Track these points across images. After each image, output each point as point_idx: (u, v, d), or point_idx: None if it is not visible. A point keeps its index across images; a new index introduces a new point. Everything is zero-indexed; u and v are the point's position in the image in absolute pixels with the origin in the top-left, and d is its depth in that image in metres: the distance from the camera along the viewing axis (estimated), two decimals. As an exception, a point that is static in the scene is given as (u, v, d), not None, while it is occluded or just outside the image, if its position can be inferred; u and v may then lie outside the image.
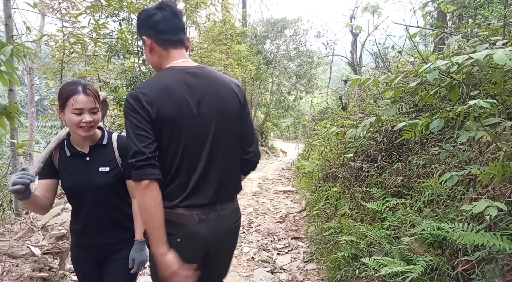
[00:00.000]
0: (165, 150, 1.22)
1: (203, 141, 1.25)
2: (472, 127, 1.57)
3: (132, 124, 1.17)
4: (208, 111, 1.25)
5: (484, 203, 1.38)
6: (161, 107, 1.18)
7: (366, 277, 2.30)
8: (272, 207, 5.35)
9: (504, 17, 2.27)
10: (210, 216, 1.28)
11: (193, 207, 1.25)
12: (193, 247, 1.28)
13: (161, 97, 1.19)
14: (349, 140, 4.10)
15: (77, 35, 4.88)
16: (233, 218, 1.39)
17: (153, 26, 1.27)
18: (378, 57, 7.06)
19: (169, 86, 1.22)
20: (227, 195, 1.36)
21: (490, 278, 1.64)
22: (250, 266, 3.26)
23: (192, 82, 1.25)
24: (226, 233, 1.36)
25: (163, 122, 1.18)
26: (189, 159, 1.23)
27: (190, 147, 1.23)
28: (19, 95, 16.57)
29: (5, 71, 1.92)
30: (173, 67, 1.27)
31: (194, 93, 1.24)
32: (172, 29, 1.29)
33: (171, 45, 1.30)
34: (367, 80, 1.93)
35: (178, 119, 1.20)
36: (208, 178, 1.27)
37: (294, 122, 23.15)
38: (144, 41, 1.30)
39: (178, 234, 1.24)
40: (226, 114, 1.30)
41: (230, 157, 1.34)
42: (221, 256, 1.45)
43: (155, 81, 1.24)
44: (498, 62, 1.21)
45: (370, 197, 3.10)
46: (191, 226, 1.24)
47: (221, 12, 10.53)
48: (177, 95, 1.21)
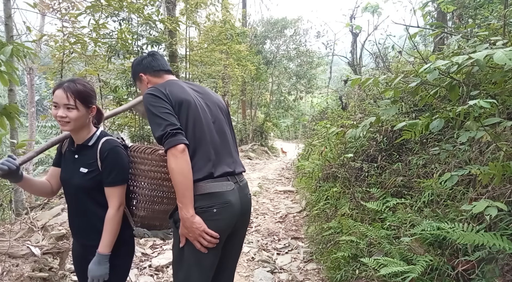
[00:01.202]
0: (184, 126, 1.41)
1: (212, 121, 1.52)
2: (472, 127, 1.57)
3: (157, 107, 1.38)
4: (211, 107, 1.57)
5: (484, 203, 1.38)
6: (175, 95, 1.45)
7: (366, 277, 2.29)
8: (272, 207, 5.35)
9: (504, 17, 2.27)
10: (235, 186, 1.46)
11: (221, 176, 1.42)
12: (227, 216, 1.41)
13: (174, 89, 1.47)
14: (349, 140, 4.10)
15: (77, 35, 4.88)
16: (248, 190, 1.60)
17: (148, 65, 1.63)
18: (378, 57, 7.06)
19: (177, 85, 1.53)
20: (240, 167, 1.58)
21: (490, 278, 1.64)
22: (250, 266, 3.26)
23: (192, 88, 1.59)
24: (246, 203, 1.54)
25: (179, 105, 1.42)
26: (204, 134, 1.44)
27: (203, 124, 1.45)
28: (19, 95, 16.57)
29: (5, 71, 1.92)
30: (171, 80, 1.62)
31: (195, 94, 1.56)
32: (163, 64, 1.66)
33: (164, 72, 1.65)
34: (367, 80, 1.93)
35: (190, 103, 1.45)
36: (224, 149, 1.50)
37: (294, 122, 23.17)
38: (140, 78, 1.63)
39: (214, 205, 1.38)
40: (221, 113, 1.63)
41: (232, 138, 1.62)
42: (242, 228, 1.61)
43: (163, 84, 1.53)
44: (498, 62, 1.21)
45: (370, 197, 3.10)
46: (224, 195, 1.40)
47: (221, 12, 10.53)
48: (185, 89, 1.52)
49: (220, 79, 12.71)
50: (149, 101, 1.40)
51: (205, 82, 13.84)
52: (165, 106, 1.39)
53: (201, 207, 1.36)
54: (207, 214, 1.36)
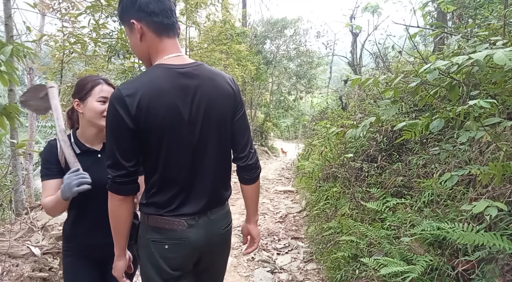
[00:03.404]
0: (153, 159, 1.13)
1: (195, 150, 1.16)
2: (472, 127, 1.57)
3: (115, 131, 1.07)
4: (200, 118, 1.14)
5: (484, 203, 1.38)
6: (150, 115, 1.05)
7: (366, 277, 2.29)
8: (272, 207, 5.35)
9: (504, 17, 2.27)
10: (201, 221, 1.21)
11: (183, 215, 1.18)
12: (182, 253, 1.20)
13: (151, 103, 1.05)
14: (349, 140, 4.10)
15: (77, 35, 4.87)
16: (224, 222, 1.31)
17: (143, 6, 1.10)
18: (378, 57, 7.06)
19: (160, 90, 1.07)
20: (219, 201, 1.29)
21: (490, 278, 1.64)
22: (250, 266, 3.26)
23: (185, 84, 1.12)
24: (217, 238, 1.28)
25: (150, 131, 1.07)
26: (179, 169, 1.14)
27: (180, 157, 1.14)
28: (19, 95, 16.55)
29: (5, 71, 1.92)
30: (165, 66, 1.12)
31: (186, 98, 1.11)
32: (165, 10, 1.13)
33: (165, 30, 1.14)
34: (367, 80, 1.93)
35: (167, 129, 1.09)
36: (200, 189, 1.20)
37: (294, 122, 23.16)
38: (132, 26, 1.12)
39: (166, 241, 1.17)
40: (218, 119, 1.20)
41: (222, 163, 1.26)
42: (214, 264, 1.36)
43: (144, 83, 1.08)
44: (498, 62, 1.21)
45: (370, 197, 3.10)
46: (180, 232, 1.17)
47: (221, 12, 10.52)
48: (168, 102, 1.08)
49: (220, 79, 12.67)
50: (110, 116, 1.07)
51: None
52: (125, 132, 1.06)
53: (152, 240, 1.18)
54: (159, 249, 1.17)
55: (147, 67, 1.21)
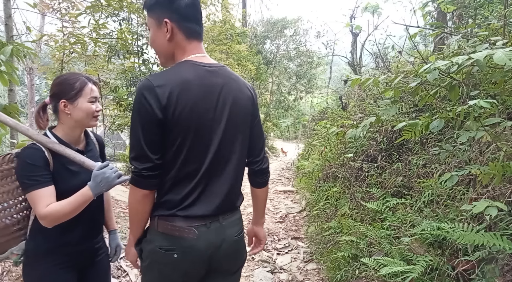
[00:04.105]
0: (172, 153, 1.09)
1: (215, 148, 1.13)
2: (472, 127, 1.57)
3: (143, 120, 1.05)
4: (223, 117, 1.14)
5: (484, 203, 1.38)
6: (178, 107, 1.04)
7: (366, 277, 2.29)
8: (272, 207, 5.35)
9: (504, 17, 2.27)
10: (212, 227, 1.16)
11: (193, 217, 1.13)
12: (192, 263, 1.15)
13: (180, 95, 1.04)
14: (349, 140, 4.10)
15: (77, 35, 4.87)
16: (236, 229, 1.26)
17: (181, 10, 1.10)
18: (378, 57, 7.06)
19: (189, 83, 1.07)
20: (232, 205, 1.25)
21: (490, 278, 1.64)
22: (250, 266, 3.26)
23: (213, 82, 1.12)
24: (229, 245, 1.21)
25: (176, 124, 1.06)
26: (196, 166, 1.12)
27: (200, 153, 1.12)
28: (19, 95, 16.57)
29: (5, 71, 1.92)
30: (192, 62, 1.12)
31: (212, 95, 1.12)
32: (197, 17, 1.15)
33: (194, 35, 1.14)
34: (367, 80, 1.93)
35: (193, 123, 1.08)
36: (215, 188, 1.16)
37: (294, 122, 23.16)
38: (162, 23, 1.10)
39: (176, 249, 1.13)
40: (240, 121, 1.20)
41: (238, 166, 1.23)
42: (228, 272, 1.29)
43: (173, 74, 1.08)
44: (498, 62, 1.21)
45: (370, 197, 3.10)
46: (190, 240, 1.12)
47: (221, 12, 10.53)
48: (196, 96, 1.08)
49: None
50: (139, 106, 1.05)
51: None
52: (152, 123, 1.04)
53: (160, 247, 1.14)
54: (168, 258, 1.13)
55: (163, 63, 1.22)
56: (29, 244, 1.34)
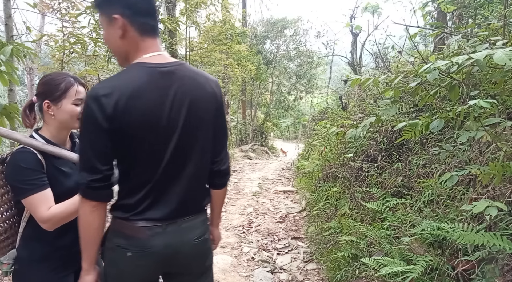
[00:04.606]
0: (127, 160, 1.07)
1: (170, 154, 1.09)
2: (472, 127, 1.57)
3: (90, 133, 1.01)
4: (179, 120, 1.08)
5: (484, 203, 1.38)
6: (126, 116, 0.99)
7: (366, 277, 2.30)
8: (272, 207, 5.35)
9: (504, 17, 2.27)
10: (169, 229, 1.13)
11: (149, 220, 1.11)
12: (146, 264, 1.13)
13: (128, 103, 0.99)
14: (349, 140, 4.10)
15: (77, 35, 4.88)
16: (198, 232, 1.21)
17: (131, 4, 1.03)
18: (378, 57, 7.06)
19: (138, 89, 1.01)
20: (193, 207, 1.21)
21: (490, 278, 1.64)
22: (250, 266, 3.26)
23: (166, 84, 1.06)
24: (188, 249, 1.18)
25: (126, 134, 1.02)
26: (151, 172, 1.09)
27: (154, 160, 1.08)
28: (19, 95, 16.56)
29: (5, 71, 1.92)
30: (144, 64, 1.06)
31: (166, 99, 1.05)
32: (150, 11, 1.07)
33: (149, 31, 1.07)
34: (367, 80, 1.93)
35: (144, 130, 1.03)
36: (171, 193, 1.13)
37: (294, 122, 23.17)
38: (113, 20, 1.04)
39: (129, 247, 1.10)
40: (200, 121, 1.13)
41: (200, 168, 1.19)
42: (192, 279, 1.26)
43: (121, 81, 1.03)
44: (498, 62, 1.21)
45: (370, 197, 3.10)
46: (143, 240, 1.10)
47: (221, 12, 10.52)
48: (147, 102, 1.02)
49: (220, 79, 12.70)
50: (85, 117, 1.01)
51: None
52: (100, 134, 1.00)
53: (118, 245, 1.12)
54: (123, 256, 1.11)
55: (121, 64, 1.15)
56: (22, 252, 1.29)
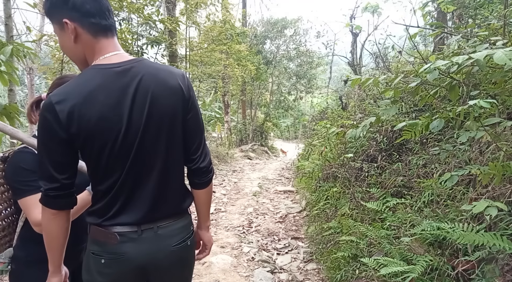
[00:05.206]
0: (92, 167, 1.06)
1: (135, 155, 1.06)
2: (472, 127, 1.57)
3: (46, 142, 0.99)
4: (143, 118, 1.04)
5: (484, 203, 1.38)
6: (82, 122, 0.97)
7: (366, 277, 2.30)
8: (272, 207, 5.36)
9: (504, 17, 2.27)
10: (145, 235, 1.10)
11: (120, 225, 1.09)
12: (120, 271, 1.10)
13: (82, 110, 0.97)
14: (349, 140, 4.10)
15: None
16: (177, 238, 1.16)
17: (78, 6, 1.00)
18: (378, 57, 7.06)
19: (93, 94, 0.99)
20: (168, 211, 1.16)
21: (490, 278, 1.64)
22: (250, 266, 3.26)
23: (124, 84, 1.02)
24: (165, 256, 1.14)
25: (84, 140, 0.99)
26: (116, 177, 1.06)
27: (118, 163, 1.05)
28: (19, 95, 16.57)
29: (5, 71, 1.92)
30: (99, 66, 1.04)
31: (124, 100, 1.02)
32: (102, 11, 1.04)
33: (102, 31, 1.04)
34: (367, 80, 1.93)
35: (104, 135, 1.00)
36: (140, 196, 1.09)
37: (294, 122, 23.20)
38: (64, 26, 1.01)
39: (103, 254, 1.09)
40: (164, 118, 1.08)
41: (171, 169, 1.14)
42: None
43: (74, 86, 1.00)
44: (498, 62, 1.21)
45: (370, 197, 3.10)
46: (115, 246, 1.08)
47: (221, 12, 10.53)
48: (103, 106, 0.99)
49: (220, 79, 12.72)
50: (40, 127, 1.00)
51: (205, 82, 13.86)
52: (57, 144, 0.99)
53: (92, 252, 1.11)
54: (97, 263, 1.10)
55: (81, 69, 1.12)
56: (20, 252, 1.30)
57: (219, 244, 3.78)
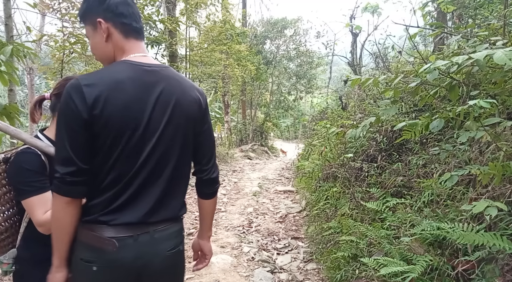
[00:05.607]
0: (103, 155, 1.02)
1: (149, 152, 1.05)
2: (472, 127, 1.57)
3: (68, 121, 0.98)
4: (162, 118, 1.06)
5: (484, 203, 1.38)
6: (107, 107, 0.97)
7: (366, 277, 2.30)
8: (272, 207, 5.36)
9: (504, 17, 2.28)
10: (141, 239, 1.06)
11: (117, 225, 1.03)
12: (114, 278, 1.05)
13: (109, 94, 0.98)
14: (349, 140, 4.10)
15: (77, 35, 4.88)
16: (172, 243, 1.14)
17: (112, 7, 1.06)
18: (378, 57, 7.06)
19: (121, 82, 1.01)
20: (167, 215, 1.13)
21: (490, 278, 1.64)
22: (250, 266, 3.26)
23: (151, 82, 1.05)
24: (161, 261, 1.11)
25: (105, 125, 0.98)
26: (127, 169, 1.04)
27: (132, 156, 1.03)
28: (19, 95, 16.56)
29: (5, 71, 1.92)
30: (130, 61, 1.06)
31: (149, 96, 1.04)
32: (134, 14, 1.10)
33: (132, 33, 1.09)
34: (367, 80, 1.93)
35: (124, 125, 1.00)
36: (145, 194, 1.07)
37: (294, 122, 23.20)
38: (97, 25, 1.06)
39: (95, 261, 1.03)
40: (183, 124, 1.11)
41: (178, 173, 1.14)
42: None
43: (105, 74, 1.03)
44: (498, 62, 1.21)
45: (370, 197, 3.10)
46: (111, 253, 1.02)
47: (221, 12, 10.53)
48: (129, 95, 1.01)
49: (220, 79, 12.72)
50: (64, 106, 0.99)
51: (205, 82, 13.85)
52: (79, 125, 0.97)
53: (81, 258, 1.05)
54: (88, 271, 1.03)
55: None
56: (23, 252, 1.29)
57: (219, 244, 3.78)
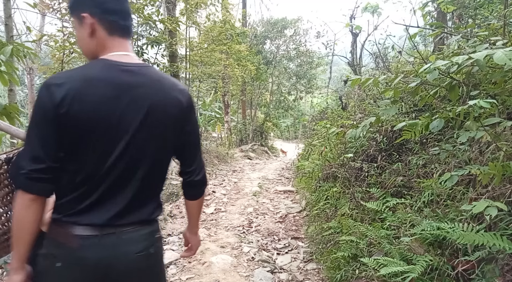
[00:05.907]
0: (71, 155, 1.00)
1: (119, 154, 1.02)
2: (472, 127, 1.57)
3: (37, 119, 0.98)
4: (133, 120, 1.03)
5: (484, 203, 1.38)
6: (74, 107, 0.95)
7: (366, 277, 2.30)
8: (272, 207, 5.35)
9: (504, 17, 2.28)
10: (106, 239, 1.04)
11: (82, 225, 1.02)
12: (77, 277, 1.02)
13: (78, 93, 0.96)
14: (349, 140, 4.10)
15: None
16: (142, 245, 1.09)
17: (99, 2, 1.04)
18: (378, 57, 7.06)
19: (92, 82, 0.99)
20: (138, 218, 1.10)
21: (490, 278, 1.64)
22: (250, 266, 3.26)
23: (126, 82, 1.02)
24: (128, 263, 1.07)
25: (73, 124, 0.97)
26: (95, 170, 1.01)
27: (100, 157, 1.01)
28: (19, 95, 16.57)
29: (5, 71, 1.92)
30: (106, 60, 1.04)
31: (122, 96, 1.01)
32: (122, 11, 1.08)
33: (118, 30, 1.07)
34: (367, 80, 1.93)
35: (93, 124, 0.98)
36: (114, 196, 1.05)
37: (294, 122, 23.20)
38: (82, 19, 1.03)
39: (59, 257, 1.01)
40: (160, 126, 1.08)
41: (153, 175, 1.12)
42: None
43: (76, 73, 1.01)
44: (498, 62, 1.21)
45: (370, 197, 3.10)
46: (75, 249, 1.01)
47: (221, 12, 10.53)
48: (99, 95, 0.98)
49: (220, 79, 12.73)
50: (35, 105, 0.99)
51: (205, 82, 13.86)
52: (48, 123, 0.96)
53: (45, 253, 1.04)
54: (52, 266, 1.01)
55: None
56: None
57: (219, 244, 3.78)
